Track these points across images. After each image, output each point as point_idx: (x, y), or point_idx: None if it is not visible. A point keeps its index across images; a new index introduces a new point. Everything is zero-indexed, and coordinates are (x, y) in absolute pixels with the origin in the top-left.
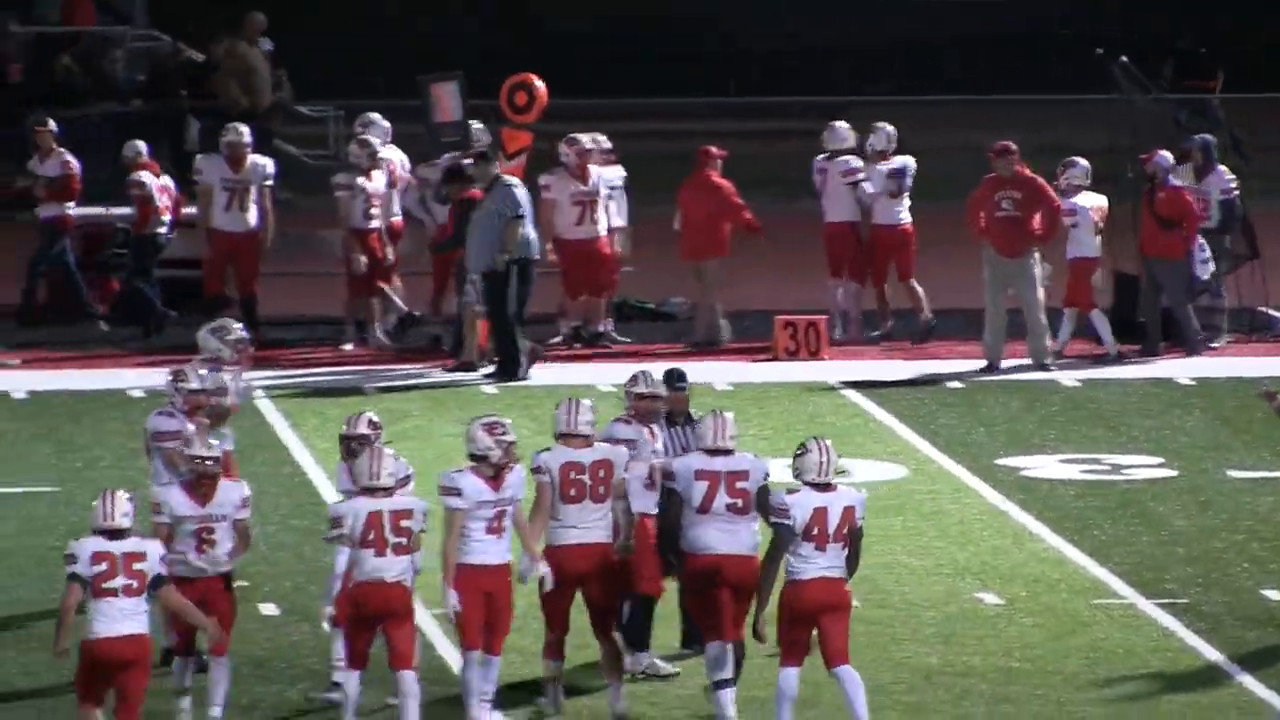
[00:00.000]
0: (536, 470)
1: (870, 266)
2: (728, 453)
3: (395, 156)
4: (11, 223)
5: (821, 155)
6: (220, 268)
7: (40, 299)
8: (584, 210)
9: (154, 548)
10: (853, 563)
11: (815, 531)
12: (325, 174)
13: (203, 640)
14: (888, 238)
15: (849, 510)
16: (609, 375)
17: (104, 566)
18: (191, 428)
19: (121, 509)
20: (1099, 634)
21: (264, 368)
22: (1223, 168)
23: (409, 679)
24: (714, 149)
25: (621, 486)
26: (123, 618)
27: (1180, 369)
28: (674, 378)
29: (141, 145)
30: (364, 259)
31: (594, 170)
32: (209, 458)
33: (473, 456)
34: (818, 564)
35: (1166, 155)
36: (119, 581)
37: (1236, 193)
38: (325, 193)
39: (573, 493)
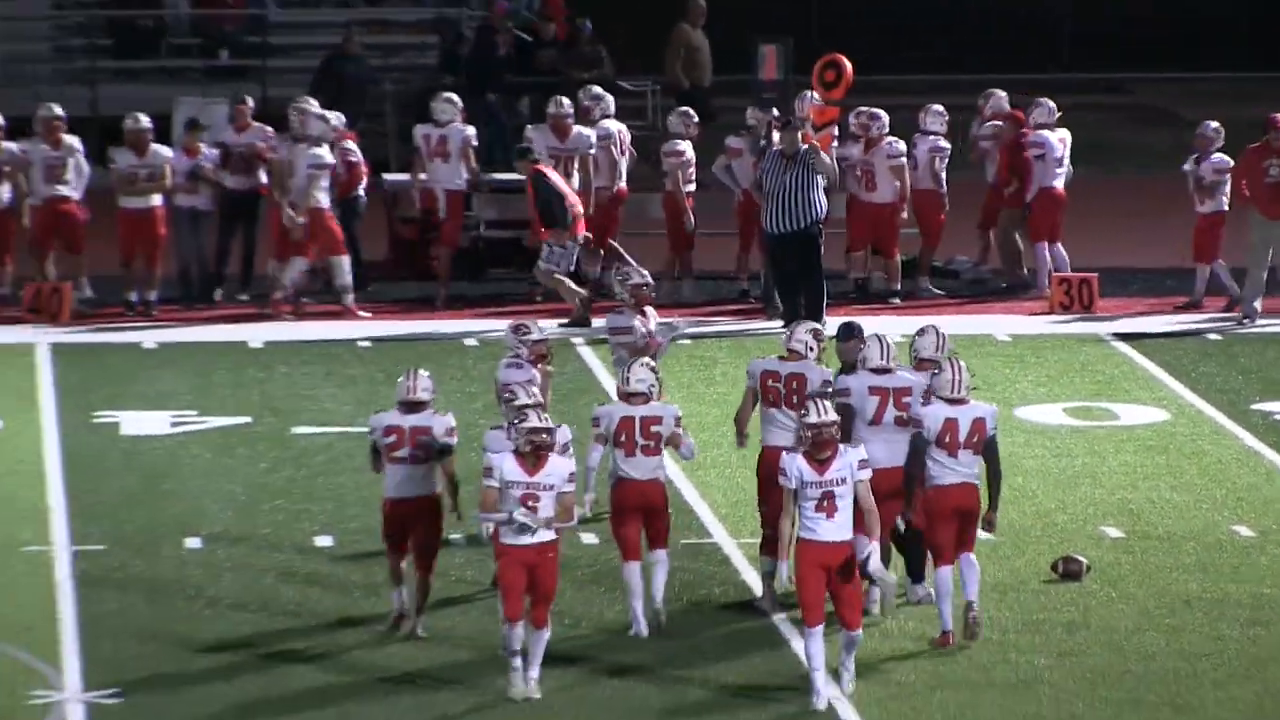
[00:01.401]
0: (749, 374)
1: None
2: (890, 371)
3: (615, 128)
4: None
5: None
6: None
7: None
8: (864, 177)
9: (440, 422)
10: (994, 474)
11: (947, 440)
12: (643, 144)
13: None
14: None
15: (979, 422)
16: (893, 328)
17: (393, 439)
18: (537, 375)
19: (422, 385)
20: None
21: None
22: None
23: (661, 554)
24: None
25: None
26: (410, 481)
27: None
28: (847, 331)
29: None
30: (692, 218)
31: (889, 140)
32: (546, 430)
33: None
34: (955, 470)
35: None
36: (405, 451)
37: None
38: (645, 159)
39: (770, 398)
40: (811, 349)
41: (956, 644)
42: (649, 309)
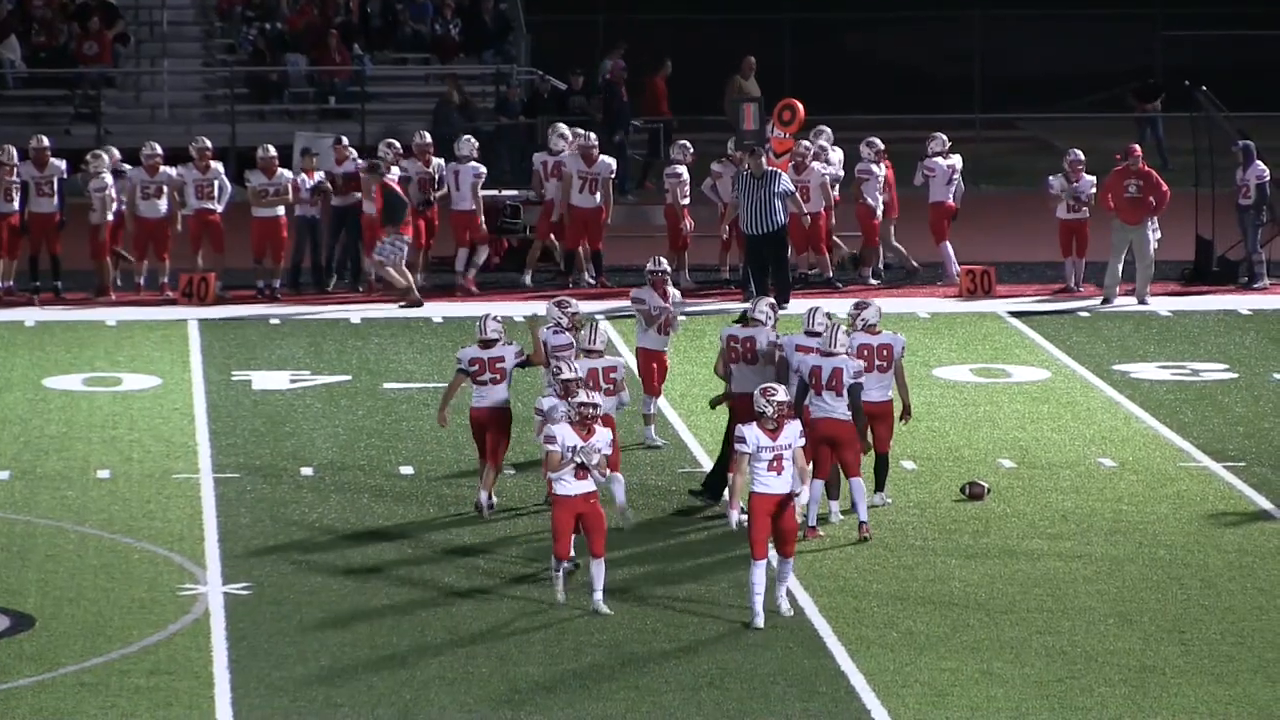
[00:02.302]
0: (721, 338)
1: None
2: (817, 334)
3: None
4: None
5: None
6: (577, 232)
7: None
8: (800, 191)
9: (511, 350)
10: (853, 411)
11: (813, 382)
12: (650, 169)
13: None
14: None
15: (838, 370)
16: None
17: (476, 366)
18: (573, 339)
19: (491, 326)
20: (1182, 486)
21: (606, 300)
22: (1258, 161)
23: (618, 477)
24: None
25: (770, 354)
26: (490, 396)
27: (1242, 303)
28: (745, 316)
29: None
30: (689, 225)
31: (815, 167)
32: (593, 404)
33: (759, 414)
34: (820, 406)
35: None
36: (487, 375)
37: (1268, 179)
38: (654, 180)
39: (733, 356)
40: (769, 318)
41: (870, 535)
42: (668, 289)
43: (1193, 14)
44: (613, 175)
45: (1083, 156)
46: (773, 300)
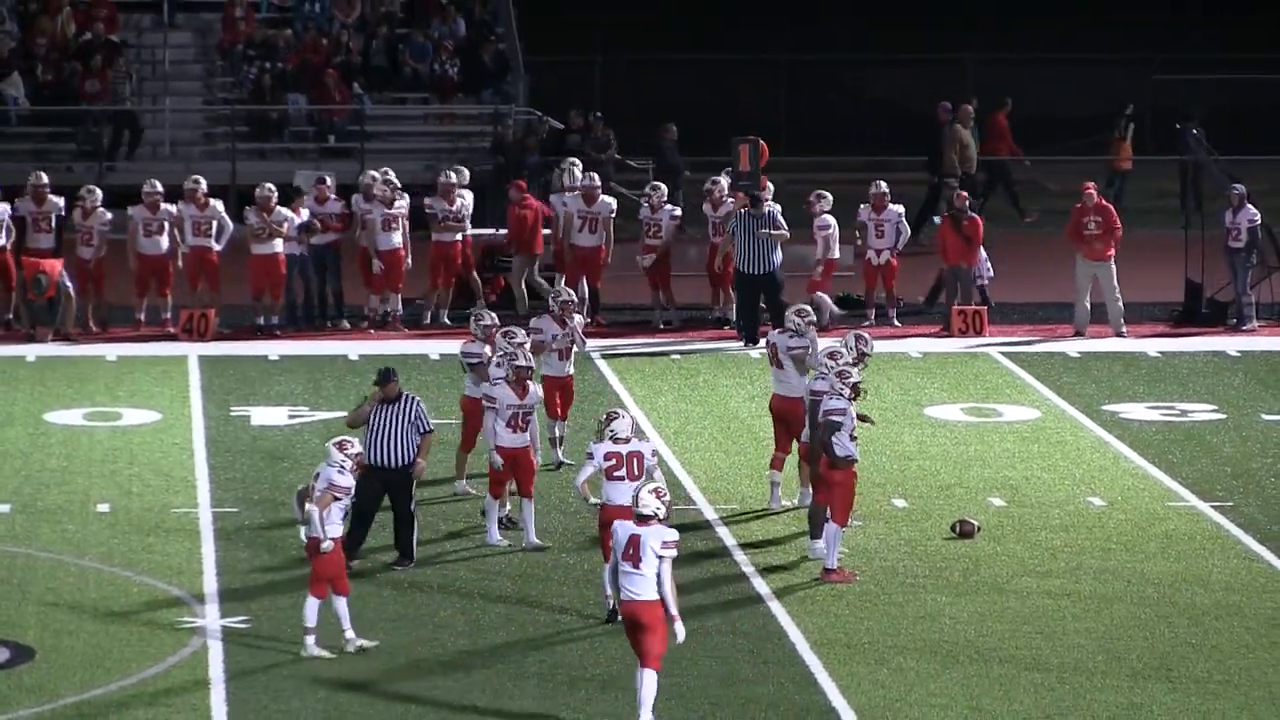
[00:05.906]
0: (768, 341)
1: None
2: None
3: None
4: None
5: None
6: (576, 271)
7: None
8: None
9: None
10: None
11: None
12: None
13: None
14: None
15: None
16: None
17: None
18: (488, 351)
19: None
20: (1170, 526)
21: (603, 338)
22: (1250, 206)
23: (528, 503)
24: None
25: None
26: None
27: (1230, 344)
28: (384, 375)
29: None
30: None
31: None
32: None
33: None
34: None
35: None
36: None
37: (1259, 223)
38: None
39: (778, 363)
40: (802, 323)
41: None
42: (574, 318)
43: (1186, 58)
44: (613, 215)
45: (884, 189)
46: (802, 307)
